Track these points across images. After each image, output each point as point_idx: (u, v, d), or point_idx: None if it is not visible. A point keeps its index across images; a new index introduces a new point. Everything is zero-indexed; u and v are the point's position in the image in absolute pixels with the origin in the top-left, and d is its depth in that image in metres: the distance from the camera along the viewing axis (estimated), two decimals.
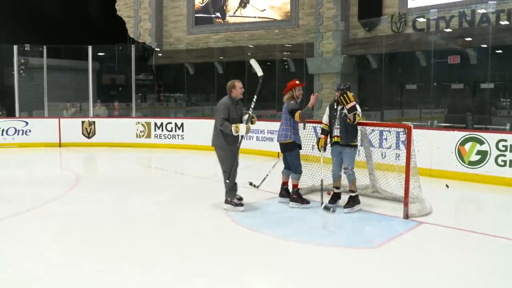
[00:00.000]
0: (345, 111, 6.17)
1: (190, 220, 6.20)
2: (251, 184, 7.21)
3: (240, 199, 6.73)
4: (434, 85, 13.14)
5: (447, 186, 8.11)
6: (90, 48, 15.45)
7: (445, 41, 13.34)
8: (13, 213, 6.46)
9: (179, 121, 13.79)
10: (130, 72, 15.87)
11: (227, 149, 6.40)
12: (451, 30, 13.30)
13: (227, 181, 6.46)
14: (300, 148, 6.76)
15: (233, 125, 6.20)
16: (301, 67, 15.58)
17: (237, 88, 6.41)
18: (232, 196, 6.55)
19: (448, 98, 14.55)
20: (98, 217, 6.38)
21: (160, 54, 19.29)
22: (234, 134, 6.21)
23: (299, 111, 6.38)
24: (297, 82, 6.69)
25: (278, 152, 11.08)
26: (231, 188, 6.54)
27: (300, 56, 15.81)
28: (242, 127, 6.22)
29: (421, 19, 13.90)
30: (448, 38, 13.33)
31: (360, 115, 6.20)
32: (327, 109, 6.53)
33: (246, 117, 6.40)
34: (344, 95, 6.18)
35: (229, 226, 5.87)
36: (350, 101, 6.11)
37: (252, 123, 6.46)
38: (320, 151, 6.48)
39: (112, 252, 4.93)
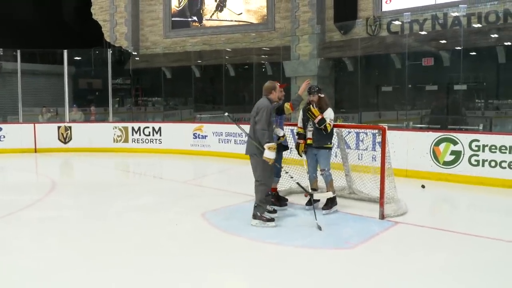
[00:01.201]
0: (316, 124, 6.24)
1: (168, 224, 6.16)
2: None
3: (274, 211, 6.25)
4: (409, 87, 13.37)
5: (423, 186, 8.24)
6: (65, 52, 15.25)
7: (419, 43, 13.59)
8: None
9: (156, 125, 13.71)
10: (106, 77, 15.73)
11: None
12: (424, 33, 13.56)
13: (268, 193, 5.98)
14: (287, 149, 6.76)
15: (270, 144, 5.67)
16: (278, 70, 15.68)
17: (277, 90, 6.03)
18: (262, 211, 5.88)
19: (423, 100, 14.81)
20: (75, 223, 6.31)
21: (137, 58, 19.16)
22: (265, 149, 5.65)
23: (289, 102, 6.39)
24: (278, 84, 6.69)
25: None
26: (262, 201, 5.88)
27: (277, 59, 15.92)
28: (273, 153, 5.68)
29: (396, 22, 14.14)
30: (422, 41, 13.59)
31: (332, 121, 6.27)
32: (301, 112, 6.59)
33: (279, 133, 6.12)
34: (309, 112, 6.26)
35: (206, 229, 5.86)
36: (316, 116, 6.20)
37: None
38: (301, 156, 6.51)
39: (89, 258, 4.87)
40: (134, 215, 6.71)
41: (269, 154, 5.64)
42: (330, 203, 6.47)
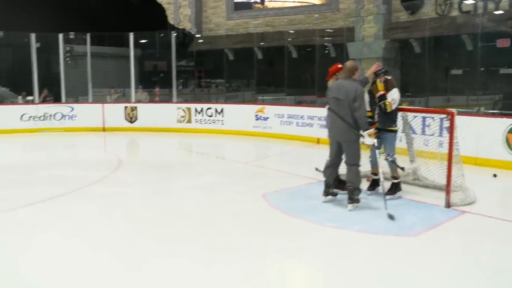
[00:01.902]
0: (376, 99, 6.13)
1: (229, 203, 6.26)
2: (317, 169, 6.95)
3: (335, 194, 6.22)
4: (481, 70, 12.65)
5: (494, 175, 7.81)
6: (131, 35, 15.72)
7: (493, 23, 12.78)
8: (59, 194, 6.75)
9: (219, 106, 13.86)
10: (171, 59, 16.07)
11: (358, 139, 5.78)
12: (500, 12, 12.74)
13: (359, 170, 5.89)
14: None
15: (371, 130, 5.70)
16: (342, 52, 15.31)
17: (359, 70, 6.04)
18: (358, 193, 5.88)
19: (496, 84, 13.97)
20: (140, 200, 6.56)
21: (200, 40, 19.38)
22: (366, 136, 5.67)
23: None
24: (340, 66, 6.56)
25: (318, 138, 11.07)
26: (360, 183, 5.93)
27: (341, 40, 15.54)
28: (372, 139, 5.72)
29: (468, 1, 13.38)
30: (497, 20, 12.76)
31: (394, 102, 6.07)
32: (367, 95, 6.40)
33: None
34: (374, 84, 6.18)
35: (266, 210, 5.89)
36: (379, 90, 6.08)
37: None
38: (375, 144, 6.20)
39: (151, 233, 5.06)
40: (196, 193, 6.86)
41: (369, 140, 5.67)
42: (394, 189, 6.30)
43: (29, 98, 15.58)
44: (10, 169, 8.92)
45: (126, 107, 14.60)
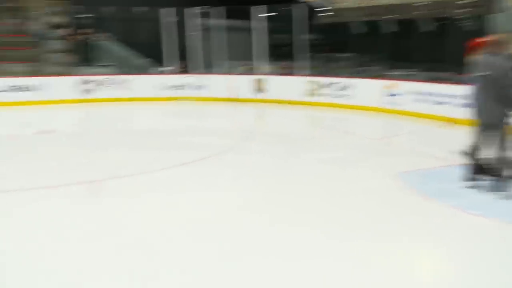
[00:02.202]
0: None
1: (357, 179, 6.27)
2: (457, 152, 6.64)
3: (474, 180, 5.76)
4: None
5: None
6: (258, 9, 16.09)
7: None
8: (191, 159, 7.42)
9: (347, 81, 13.67)
10: (297, 32, 16.18)
11: (507, 121, 5.38)
12: None
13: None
14: None
15: None
16: (481, 25, 14.21)
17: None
18: (505, 181, 5.44)
19: None
20: (266, 169, 6.91)
21: (329, 13, 19.16)
22: None
23: None
24: (482, 40, 6.12)
25: (454, 118, 10.48)
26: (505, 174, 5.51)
27: (480, 12, 14.41)
28: None
29: None
30: None
31: None
32: None
33: None
34: None
35: (399, 190, 5.80)
36: None
37: None
38: None
39: (275, 203, 5.37)
40: (322, 167, 7.01)
41: None
42: None
43: (168, 68, 16.83)
44: (149, 134, 9.92)
45: (254, 79, 15.11)
